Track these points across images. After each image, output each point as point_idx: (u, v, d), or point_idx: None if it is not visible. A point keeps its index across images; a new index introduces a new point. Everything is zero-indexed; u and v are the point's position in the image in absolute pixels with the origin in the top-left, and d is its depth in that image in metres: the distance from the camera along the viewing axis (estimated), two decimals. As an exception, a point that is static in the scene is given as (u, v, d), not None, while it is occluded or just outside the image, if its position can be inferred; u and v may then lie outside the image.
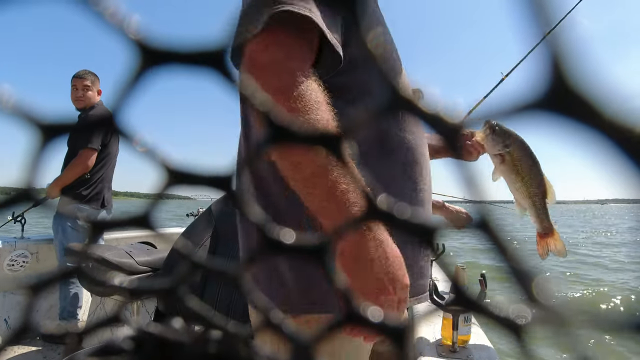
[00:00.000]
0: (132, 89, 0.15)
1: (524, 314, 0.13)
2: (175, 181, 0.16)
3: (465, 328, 0.99)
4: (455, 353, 0.95)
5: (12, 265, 2.30)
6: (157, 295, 0.18)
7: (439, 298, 0.96)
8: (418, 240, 0.15)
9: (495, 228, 0.14)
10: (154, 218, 0.17)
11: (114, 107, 0.15)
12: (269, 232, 0.16)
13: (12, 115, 0.15)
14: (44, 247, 2.45)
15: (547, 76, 0.12)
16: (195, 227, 1.42)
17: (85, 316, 2.45)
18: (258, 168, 0.69)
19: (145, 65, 0.15)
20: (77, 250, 1.78)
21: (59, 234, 2.30)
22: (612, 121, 0.11)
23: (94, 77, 2.52)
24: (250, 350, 0.17)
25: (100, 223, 0.17)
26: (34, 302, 0.16)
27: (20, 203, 0.16)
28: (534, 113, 0.12)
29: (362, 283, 0.53)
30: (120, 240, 2.77)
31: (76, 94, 2.46)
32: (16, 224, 2.52)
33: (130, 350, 0.18)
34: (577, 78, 0.12)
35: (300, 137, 0.15)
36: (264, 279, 0.71)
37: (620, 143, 0.11)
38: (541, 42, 0.11)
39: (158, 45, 0.15)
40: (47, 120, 0.15)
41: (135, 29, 0.15)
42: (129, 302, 0.18)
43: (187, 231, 1.44)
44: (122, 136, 0.16)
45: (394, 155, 0.75)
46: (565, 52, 0.11)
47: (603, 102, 0.11)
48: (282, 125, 0.15)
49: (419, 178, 0.77)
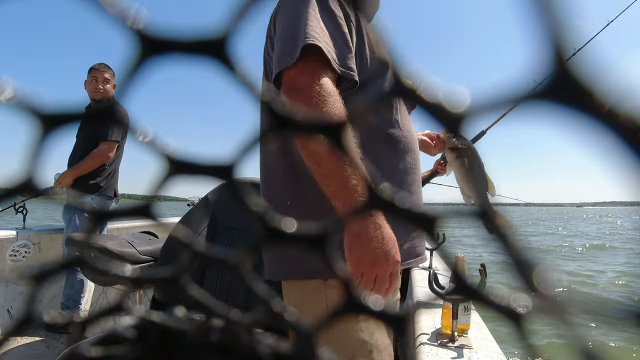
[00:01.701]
0: (132, 79, 0.15)
1: (525, 303, 0.14)
2: (177, 171, 0.16)
3: (465, 317, 0.99)
4: (454, 342, 0.95)
5: (15, 256, 2.31)
6: (156, 284, 0.18)
7: (439, 287, 0.97)
8: (418, 228, 0.15)
9: (496, 218, 0.14)
10: (156, 208, 0.17)
11: (117, 97, 0.15)
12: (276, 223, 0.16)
13: (14, 106, 0.15)
14: (45, 238, 2.46)
15: (550, 65, 0.12)
16: (192, 215, 1.42)
17: (88, 305, 2.47)
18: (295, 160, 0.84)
19: (145, 54, 0.15)
20: (79, 240, 1.79)
21: (72, 223, 2.33)
22: (614, 111, 0.11)
23: (112, 71, 2.57)
24: (253, 339, 0.17)
25: (106, 212, 0.17)
26: (37, 292, 0.17)
27: (21, 193, 0.16)
28: (536, 103, 0.12)
29: (361, 255, 0.69)
30: (122, 230, 2.78)
31: (96, 85, 2.49)
32: (17, 214, 2.53)
33: (133, 339, 0.18)
34: (580, 68, 0.11)
35: (310, 126, 0.15)
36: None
37: (621, 133, 0.11)
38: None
39: (158, 35, 0.15)
40: (49, 110, 0.15)
41: (134, 18, 0.14)
42: (132, 291, 0.18)
43: (184, 219, 1.44)
44: (128, 126, 0.16)
45: (393, 147, 0.90)
46: (568, 41, 0.11)
47: (606, 92, 0.11)
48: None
49: (414, 168, 0.94)
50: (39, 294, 0.17)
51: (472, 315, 1.03)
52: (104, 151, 2.41)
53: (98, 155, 2.40)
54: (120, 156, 2.62)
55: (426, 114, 0.14)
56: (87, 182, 2.41)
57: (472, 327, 1.02)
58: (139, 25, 0.14)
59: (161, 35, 0.15)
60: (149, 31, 0.15)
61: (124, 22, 0.14)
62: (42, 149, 0.15)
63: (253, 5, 0.15)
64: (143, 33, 0.15)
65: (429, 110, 0.14)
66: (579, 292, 5.69)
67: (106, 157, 2.42)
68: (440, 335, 1.00)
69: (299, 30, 0.75)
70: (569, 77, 0.12)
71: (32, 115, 0.15)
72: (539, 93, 0.12)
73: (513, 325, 0.14)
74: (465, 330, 1.01)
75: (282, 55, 0.77)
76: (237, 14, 0.15)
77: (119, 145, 2.53)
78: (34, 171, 0.15)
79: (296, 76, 0.74)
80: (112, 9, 0.14)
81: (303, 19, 0.77)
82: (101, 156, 2.41)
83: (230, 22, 0.15)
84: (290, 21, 0.79)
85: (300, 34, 0.75)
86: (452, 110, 0.14)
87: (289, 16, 0.80)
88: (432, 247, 1.79)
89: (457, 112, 0.13)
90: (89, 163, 2.39)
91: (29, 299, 0.17)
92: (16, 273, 2.28)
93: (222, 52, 0.15)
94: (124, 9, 0.14)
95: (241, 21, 0.15)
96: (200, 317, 0.18)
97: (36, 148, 0.15)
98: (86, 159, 2.39)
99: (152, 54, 0.15)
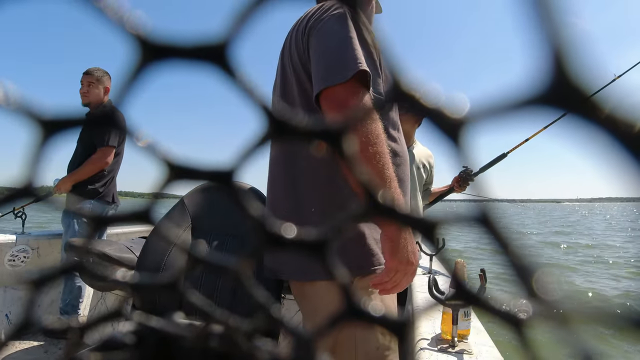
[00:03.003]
0: (132, 85, 0.15)
1: (525, 308, 0.13)
2: (176, 176, 0.16)
3: (465, 322, 0.99)
4: (454, 347, 0.95)
5: (13, 261, 2.31)
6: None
7: (439, 293, 0.96)
8: (420, 234, 0.15)
9: (496, 223, 0.14)
10: (155, 213, 0.17)
11: (115, 102, 0.15)
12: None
13: (15, 111, 0.15)
14: (44, 243, 2.45)
15: (549, 71, 0.12)
16: (170, 219, 1.37)
17: (87, 311, 2.46)
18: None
19: (145, 60, 0.15)
20: (78, 245, 1.79)
21: (71, 228, 2.33)
22: (613, 116, 0.11)
23: (102, 74, 2.57)
24: (252, 345, 0.17)
25: (104, 218, 0.17)
26: (36, 297, 0.17)
27: (20, 198, 0.16)
28: (534, 108, 0.12)
29: (401, 256, 0.81)
30: (121, 235, 2.77)
31: (82, 89, 2.52)
32: (17, 219, 2.52)
33: (131, 345, 0.18)
34: (578, 72, 0.11)
35: (311, 132, 0.15)
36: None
37: (620, 138, 0.11)
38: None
39: (159, 40, 0.15)
40: (50, 115, 0.15)
41: (135, 24, 0.15)
42: (130, 297, 0.18)
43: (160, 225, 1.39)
44: (125, 132, 0.16)
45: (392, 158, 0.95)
46: (567, 46, 0.11)
47: (604, 97, 0.11)
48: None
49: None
50: (38, 299, 0.17)
51: (472, 321, 1.03)
52: (101, 157, 2.41)
53: (96, 161, 2.41)
54: (119, 162, 2.62)
55: (427, 121, 0.14)
56: (86, 187, 2.41)
57: (472, 332, 1.02)
58: (138, 30, 0.15)
59: (162, 40, 0.15)
60: (149, 37, 0.15)
61: (123, 27, 0.14)
62: (42, 154, 0.15)
63: (254, 11, 0.15)
64: (143, 38, 0.15)
65: (429, 117, 0.14)
66: (578, 298, 5.71)
67: (104, 163, 2.43)
68: (440, 341, 1.00)
69: (347, 53, 0.84)
70: (568, 83, 0.12)
71: (32, 120, 0.15)
72: (538, 99, 0.12)
73: (514, 331, 0.14)
74: (465, 336, 1.00)
75: (330, 72, 0.84)
76: (238, 20, 0.15)
77: (117, 151, 2.53)
78: (34, 176, 0.15)
79: (346, 94, 0.83)
80: (112, 14, 0.14)
81: (350, 42, 0.85)
82: (99, 162, 2.41)
83: (231, 28, 0.15)
84: (336, 42, 0.87)
85: (350, 57, 0.84)
86: (452, 116, 0.14)
87: (333, 36, 0.88)
88: (432, 253, 1.78)
89: (457, 118, 0.14)
90: (87, 169, 2.40)
91: (27, 304, 0.16)
92: (15, 278, 2.27)
93: (223, 58, 0.15)
94: (124, 13, 0.14)
95: (242, 27, 0.15)
96: (199, 323, 0.18)
97: (36, 153, 0.15)
98: (84, 165, 2.40)
99: (153, 59, 0.15)
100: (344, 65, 0.83)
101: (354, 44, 0.85)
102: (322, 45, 0.88)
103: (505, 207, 2.88)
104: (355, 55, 0.84)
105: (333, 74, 0.84)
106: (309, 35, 0.92)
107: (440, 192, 2.38)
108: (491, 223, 0.14)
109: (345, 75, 0.82)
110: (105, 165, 2.44)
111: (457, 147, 0.14)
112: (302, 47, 0.94)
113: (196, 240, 1.32)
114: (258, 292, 0.17)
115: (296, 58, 0.96)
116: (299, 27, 0.97)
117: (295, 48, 0.96)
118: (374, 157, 0.81)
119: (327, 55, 0.87)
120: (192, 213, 1.38)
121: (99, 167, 2.42)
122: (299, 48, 0.95)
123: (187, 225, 1.36)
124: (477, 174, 2.38)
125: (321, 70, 0.86)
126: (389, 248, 0.82)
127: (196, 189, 1.44)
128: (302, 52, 0.94)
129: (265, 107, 0.15)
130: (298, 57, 0.96)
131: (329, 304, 0.91)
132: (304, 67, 0.95)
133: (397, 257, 0.82)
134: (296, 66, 0.97)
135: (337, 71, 0.83)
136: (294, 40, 0.97)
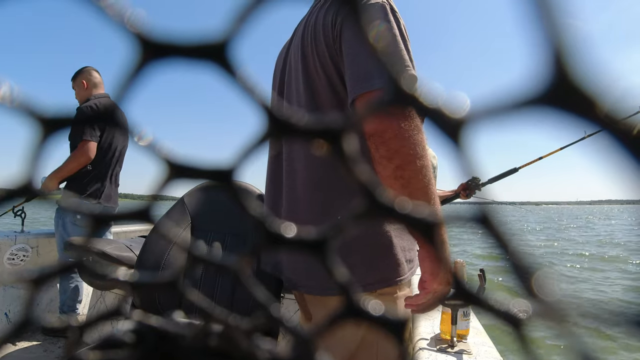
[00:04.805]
0: (132, 83, 0.15)
1: (525, 308, 0.13)
2: (176, 175, 0.16)
3: (464, 322, 0.99)
4: (453, 347, 0.95)
5: (13, 259, 2.31)
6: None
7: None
8: (420, 234, 0.15)
9: (496, 224, 0.14)
10: (154, 212, 0.17)
11: (115, 100, 0.15)
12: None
13: (14, 109, 0.14)
14: (44, 241, 2.45)
15: (549, 71, 0.12)
16: (170, 217, 1.38)
17: (86, 310, 2.46)
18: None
19: (145, 58, 0.15)
20: (77, 244, 1.79)
21: (59, 228, 2.31)
22: (613, 116, 0.11)
23: (78, 72, 2.57)
24: (251, 344, 0.17)
25: (101, 216, 0.17)
26: (35, 295, 0.17)
27: (20, 197, 0.16)
28: (535, 108, 0.12)
29: (443, 278, 0.77)
30: (121, 234, 2.77)
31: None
32: (16, 218, 2.52)
33: (131, 344, 0.18)
34: (579, 72, 0.11)
35: (313, 131, 0.15)
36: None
37: (620, 138, 0.11)
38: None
39: (159, 38, 0.15)
40: (47, 114, 0.15)
41: (135, 22, 0.15)
42: (130, 296, 0.18)
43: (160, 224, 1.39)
44: (121, 129, 0.16)
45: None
46: (567, 46, 0.11)
47: (605, 96, 0.11)
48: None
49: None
50: (37, 298, 0.17)
51: (471, 321, 1.03)
52: (81, 152, 2.35)
53: (77, 156, 2.35)
54: (111, 159, 2.52)
55: (427, 121, 0.14)
56: (74, 185, 2.38)
57: (471, 332, 1.02)
58: (138, 28, 0.15)
59: (161, 39, 0.15)
60: (149, 35, 0.15)
61: (123, 25, 0.14)
62: (41, 152, 0.15)
63: (255, 9, 0.15)
64: (143, 37, 0.15)
65: (429, 116, 0.14)
66: (578, 296, 5.71)
67: (85, 158, 2.35)
68: (439, 341, 1.00)
69: (395, 55, 0.77)
70: (569, 83, 0.12)
71: (32, 118, 0.15)
72: (538, 99, 0.12)
73: (513, 330, 0.14)
74: (464, 336, 1.00)
75: (373, 75, 0.76)
76: (238, 18, 0.15)
77: (109, 144, 2.47)
78: (33, 174, 0.15)
79: None
80: (112, 12, 0.14)
81: (399, 42, 0.78)
82: (80, 157, 2.35)
83: (232, 26, 0.15)
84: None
85: (397, 59, 0.76)
86: (452, 116, 0.14)
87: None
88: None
89: (457, 118, 0.14)
90: (68, 164, 2.35)
91: (27, 303, 0.16)
92: (14, 276, 2.27)
93: (223, 57, 0.15)
94: (125, 11, 0.14)
95: (243, 25, 0.15)
96: (199, 321, 0.18)
97: (36, 151, 0.15)
98: (65, 161, 2.36)
99: (153, 58, 0.15)
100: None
101: (401, 44, 0.77)
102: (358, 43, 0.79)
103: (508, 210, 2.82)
104: (404, 58, 0.77)
105: (375, 77, 0.75)
106: (342, 26, 0.82)
107: (445, 196, 2.37)
108: (491, 223, 0.14)
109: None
110: (87, 160, 2.36)
111: (457, 147, 0.14)
112: (332, 39, 0.84)
113: (196, 239, 1.32)
114: (257, 291, 0.17)
115: (323, 48, 0.86)
116: (325, 16, 0.86)
117: (324, 38, 0.86)
118: (420, 172, 0.73)
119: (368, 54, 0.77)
120: (192, 212, 1.39)
121: (80, 163, 2.36)
122: (327, 38, 0.85)
123: (187, 223, 1.36)
124: (485, 184, 2.38)
125: (363, 72, 0.77)
126: (430, 269, 0.78)
127: (196, 187, 1.44)
128: (331, 44, 0.84)
129: (266, 106, 0.15)
130: (327, 50, 0.86)
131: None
132: (332, 60, 0.86)
133: (439, 279, 0.78)
134: (323, 60, 0.87)
135: (381, 74, 0.74)
136: (320, 31, 0.87)
